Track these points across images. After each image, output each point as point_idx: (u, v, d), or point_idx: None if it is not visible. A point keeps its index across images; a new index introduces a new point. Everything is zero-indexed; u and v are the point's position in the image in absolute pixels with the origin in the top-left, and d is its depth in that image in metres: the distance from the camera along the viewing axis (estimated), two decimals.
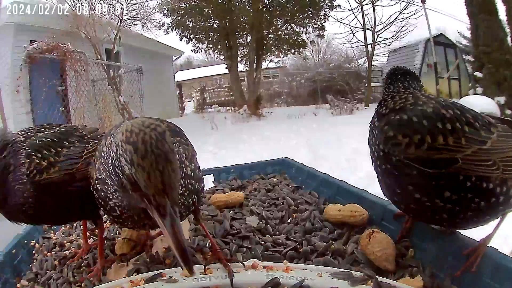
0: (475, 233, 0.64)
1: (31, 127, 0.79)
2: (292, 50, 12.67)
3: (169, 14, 11.16)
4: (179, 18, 11.26)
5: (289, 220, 0.92)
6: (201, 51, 12.59)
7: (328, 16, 11.93)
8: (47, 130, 0.76)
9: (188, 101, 16.13)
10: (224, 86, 15.36)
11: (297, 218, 0.92)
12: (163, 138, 0.47)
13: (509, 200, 0.57)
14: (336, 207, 0.87)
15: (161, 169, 0.45)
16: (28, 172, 0.68)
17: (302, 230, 0.85)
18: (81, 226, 1.02)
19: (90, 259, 0.83)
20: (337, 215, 0.85)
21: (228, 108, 12.51)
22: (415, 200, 0.57)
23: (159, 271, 0.63)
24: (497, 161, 0.56)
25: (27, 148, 0.70)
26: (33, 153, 0.70)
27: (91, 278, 0.74)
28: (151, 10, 10.37)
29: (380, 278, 0.58)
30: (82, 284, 0.75)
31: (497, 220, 0.62)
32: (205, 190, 1.24)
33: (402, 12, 11.67)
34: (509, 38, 7.97)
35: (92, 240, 0.93)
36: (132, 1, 9.25)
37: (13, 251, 0.88)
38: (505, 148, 0.57)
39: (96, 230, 0.97)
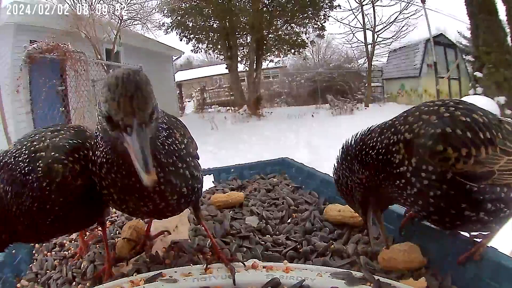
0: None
1: (36, 130, 0.71)
2: (292, 50, 12.67)
3: (169, 14, 11.16)
4: (179, 18, 11.26)
5: (289, 220, 0.92)
6: (201, 51, 12.60)
7: (328, 16, 11.94)
8: (63, 130, 0.70)
9: (188, 101, 16.12)
10: (224, 86, 15.36)
11: (297, 218, 0.92)
12: (136, 73, 0.49)
13: None
14: (336, 208, 0.87)
15: (130, 95, 0.47)
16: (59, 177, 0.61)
17: (302, 230, 0.85)
18: None
19: (91, 258, 0.83)
20: (337, 215, 0.85)
21: (228, 108, 12.51)
22: (457, 214, 0.56)
23: (159, 271, 0.63)
24: None
25: (53, 152, 0.63)
26: (63, 157, 0.63)
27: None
28: (151, 10, 10.37)
29: (380, 278, 0.58)
30: (81, 284, 0.75)
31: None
32: (205, 190, 1.25)
33: (402, 12, 11.69)
34: (509, 38, 7.98)
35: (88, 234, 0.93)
36: (132, 1, 9.25)
37: (13, 251, 0.88)
38: None
39: (96, 230, 0.98)
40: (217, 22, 11.53)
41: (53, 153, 0.63)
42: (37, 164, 0.61)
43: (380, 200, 0.65)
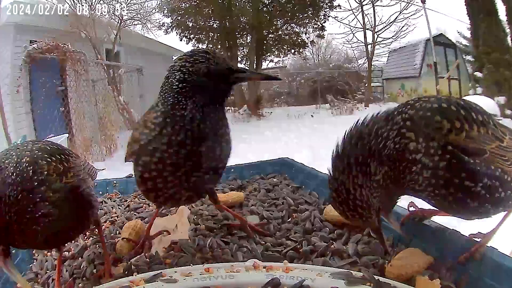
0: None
1: (14, 145, 0.70)
2: (292, 50, 12.69)
3: (169, 14, 11.17)
4: (179, 18, 11.27)
5: (289, 220, 0.92)
6: None
7: (328, 16, 11.95)
8: (41, 142, 0.69)
9: None
10: None
11: (297, 218, 0.92)
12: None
13: None
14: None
15: None
16: (48, 176, 0.61)
17: (302, 230, 0.85)
18: None
19: (91, 258, 0.83)
20: (337, 215, 0.85)
21: (228, 108, 12.50)
22: (450, 187, 0.58)
23: (159, 271, 0.63)
24: (510, 158, 0.59)
25: (35, 154, 0.63)
26: (47, 156, 0.63)
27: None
28: (151, 10, 10.39)
29: (380, 278, 0.58)
30: (81, 284, 0.75)
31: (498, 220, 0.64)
32: None
33: (402, 12, 11.70)
34: (509, 38, 7.98)
35: (92, 239, 0.93)
36: (132, 1, 9.26)
37: (13, 251, 0.87)
38: None
39: (96, 230, 0.98)
40: (217, 22, 11.54)
41: (37, 151, 0.64)
42: (23, 162, 0.61)
43: (392, 198, 0.63)
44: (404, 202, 0.81)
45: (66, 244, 0.85)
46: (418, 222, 0.74)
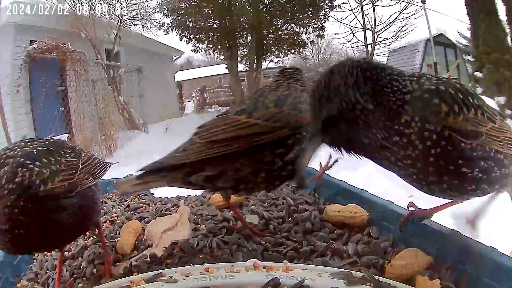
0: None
1: (12, 145, 0.67)
2: (292, 50, 12.66)
3: (169, 14, 11.15)
4: (179, 18, 11.25)
5: (289, 220, 0.92)
6: (201, 51, 12.57)
7: (328, 16, 11.92)
8: (35, 142, 0.67)
9: (188, 101, 16.12)
10: (224, 86, 15.35)
11: (297, 218, 0.91)
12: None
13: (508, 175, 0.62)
14: (335, 208, 0.87)
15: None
16: (23, 184, 0.58)
17: (302, 230, 0.85)
18: None
19: (91, 258, 0.83)
20: (337, 215, 0.85)
21: (228, 108, 12.48)
22: (447, 172, 0.57)
23: (159, 271, 0.63)
24: (503, 139, 0.61)
25: (19, 158, 0.61)
26: (29, 162, 0.60)
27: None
28: (151, 10, 10.39)
29: (380, 278, 0.58)
30: (81, 284, 0.75)
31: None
32: (205, 190, 1.24)
33: (402, 12, 11.67)
34: (509, 38, 7.97)
35: (92, 239, 0.93)
36: (132, 1, 9.26)
37: None
38: (505, 128, 0.63)
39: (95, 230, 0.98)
40: (217, 22, 11.52)
41: (19, 158, 0.61)
42: (4, 170, 0.59)
43: (360, 146, 0.61)
44: (403, 202, 0.81)
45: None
46: (418, 221, 0.74)
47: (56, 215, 0.62)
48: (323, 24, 12.01)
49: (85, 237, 0.94)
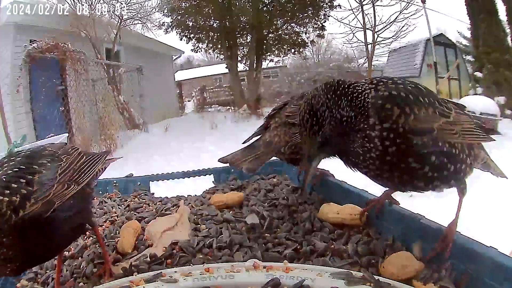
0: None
1: None
2: (292, 50, 12.66)
3: (169, 14, 11.15)
4: (179, 17, 11.25)
5: (289, 221, 0.92)
6: (201, 50, 12.58)
7: (328, 16, 11.92)
8: (12, 160, 0.64)
9: (188, 101, 16.12)
10: (224, 85, 15.35)
11: (297, 218, 0.91)
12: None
13: (468, 166, 0.69)
14: (334, 209, 0.87)
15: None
16: None
17: (302, 230, 0.85)
18: None
19: (91, 257, 0.83)
20: (336, 217, 0.85)
21: (228, 107, 12.50)
22: (401, 169, 0.64)
23: (159, 271, 0.63)
24: (458, 131, 0.66)
25: None
26: None
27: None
28: (151, 9, 10.38)
29: (380, 278, 0.58)
30: (81, 284, 0.75)
31: (457, 204, 0.71)
32: (205, 190, 1.25)
33: (402, 12, 11.66)
34: (509, 38, 7.98)
35: (92, 239, 0.93)
36: (132, 1, 9.25)
37: None
38: (462, 120, 0.68)
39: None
40: (217, 21, 11.51)
41: None
42: None
43: (338, 150, 0.69)
44: (403, 202, 0.81)
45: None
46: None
47: (37, 235, 0.61)
48: (323, 24, 12.02)
49: (85, 237, 0.94)
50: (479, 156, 0.74)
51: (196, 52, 12.71)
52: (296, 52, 12.94)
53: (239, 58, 12.02)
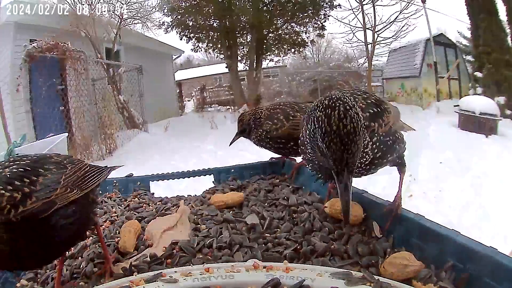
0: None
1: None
2: (292, 50, 12.67)
3: (169, 13, 11.14)
4: (179, 17, 11.25)
5: (289, 221, 0.92)
6: (201, 50, 12.58)
7: (328, 16, 11.92)
8: (17, 162, 0.66)
9: (188, 100, 16.13)
10: (224, 85, 15.36)
11: (297, 218, 0.91)
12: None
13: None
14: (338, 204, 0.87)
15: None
16: None
17: (302, 230, 0.85)
18: None
19: (91, 257, 0.83)
20: (339, 212, 0.85)
21: (228, 107, 12.51)
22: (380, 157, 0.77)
23: (159, 271, 0.63)
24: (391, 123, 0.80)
25: None
26: (1, 187, 0.59)
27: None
28: (151, 9, 10.38)
29: (380, 278, 0.58)
30: (81, 283, 0.75)
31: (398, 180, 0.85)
32: (205, 190, 1.25)
33: (402, 12, 11.66)
34: (509, 38, 7.98)
35: (92, 238, 0.92)
36: (132, 0, 9.24)
37: None
38: (390, 117, 0.80)
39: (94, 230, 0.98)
40: (217, 21, 11.51)
41: None
42: None
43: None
44: (403, 202, 0.81)
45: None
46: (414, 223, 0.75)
47: (36, 234, 0.62)
48: (323, 24, 12.01)
49: (85, 237, 0.94)
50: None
51: (196, 51, 12.73)
52: (296, 52, 12.95)
53: (239, 58, 12.02)
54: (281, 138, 1.24)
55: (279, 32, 12.17)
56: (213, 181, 1.35)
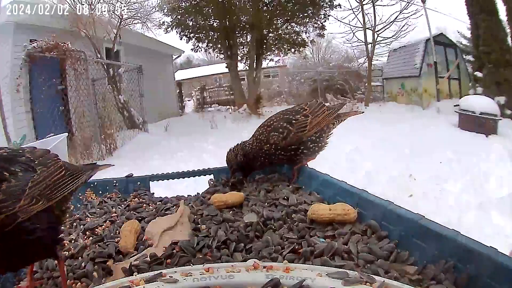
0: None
1: None
2: (292, 49, 12.67)
3: (169, 13, 11.15)
4: (179, 17, 11.25)
5: (289, 220, 0.92)
6: (201, 50, 12.59)
7: (328, 16, 11.93)
8: None
9: (188, 100, 16.13)
10: (224, 85, 15.36)
11: (297, 218, 0.91)
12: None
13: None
14: (325, 207, 0.87)
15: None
16: None
17: (301, 230, 0.85)
18: (81, 226, 1.02)
19: (91, 256, 0.83)
20: (328, 213, 0.85)
21: (228, 107, 12.51)
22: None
23: (159, 271, 0.63)
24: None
25: None
26: None
27: None
28: (151, 9, 10.39)
29: (379, 278, 0.58)
30: (81, 283, 0.75)
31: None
32: (205, 190, 1.25)
33: (402, 12, 11.68)
34: (509, 38, 7.97)
35: (91, 238, 0.92)
36: (132, 0, 9.25)
37: None
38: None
39: (96, 230, 0.98)
40: (217, 21, 11.51)
41: None
42: None
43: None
44: (403, 201, 0.81)
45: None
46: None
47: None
48: (323, 23, 12.02)
49: (85, 237, 0.94)
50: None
51: (196, 51, 12.73)
52: (296, 52, 12.95)
53: (239, 58, 12.02)
54: (292, 144, 1.24)
55: (279, 32, 12.17)
56: (212, 181, 1.35)
